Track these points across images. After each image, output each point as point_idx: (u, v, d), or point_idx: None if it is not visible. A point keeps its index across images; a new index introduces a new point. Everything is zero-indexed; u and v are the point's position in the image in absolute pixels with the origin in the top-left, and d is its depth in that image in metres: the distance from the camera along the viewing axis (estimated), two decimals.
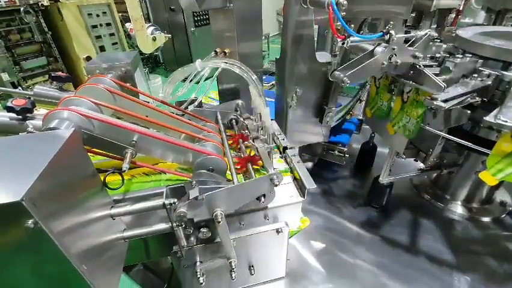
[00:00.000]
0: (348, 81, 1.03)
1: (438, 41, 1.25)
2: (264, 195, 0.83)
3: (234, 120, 1.22)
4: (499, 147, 0.81)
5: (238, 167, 0.98)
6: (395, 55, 1.03)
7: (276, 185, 0.80)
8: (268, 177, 0.80)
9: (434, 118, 1.13)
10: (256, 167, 0.99)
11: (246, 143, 1.09)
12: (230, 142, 1.11)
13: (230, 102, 1.27)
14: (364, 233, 1.43)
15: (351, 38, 0.98)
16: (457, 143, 1.09)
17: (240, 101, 1.27)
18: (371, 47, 1.12)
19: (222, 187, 0.76)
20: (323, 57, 1.35)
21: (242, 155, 1.03)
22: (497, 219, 1.46)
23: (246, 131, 1.08)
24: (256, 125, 1.06)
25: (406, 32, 1.09)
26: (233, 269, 0.90)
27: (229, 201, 0.78)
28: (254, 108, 1.08)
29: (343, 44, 0.99)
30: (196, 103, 1.27)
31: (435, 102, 0.95)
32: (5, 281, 0.51)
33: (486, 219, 1.46)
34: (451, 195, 1.55)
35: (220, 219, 0.75)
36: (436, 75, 1.13)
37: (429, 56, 1.28)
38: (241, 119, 1.17)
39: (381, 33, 1.00)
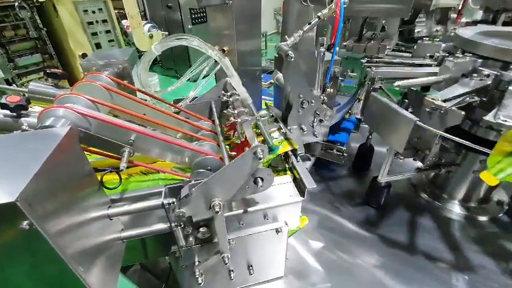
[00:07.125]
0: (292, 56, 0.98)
1: (438, 40, 1.25)
2: (261, 179, 0.79)
3: (226, 106, 1.16)
4: (499, 147, 0.81)
5: (235, 153, 0.94)
6: None
7: (259, 158, 0.74)
8: (251, 151, 0.73)
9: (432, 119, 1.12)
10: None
11: (231, 119, 1.02)
12: (227, 130, 1.07)
13: (219, 82, 1.22)
14: (362, 232, 1.42)
15: None
16: (455, 143, 1.09)
17: (228, 79, 1.17)
18: None
19: (209, 176, 0.73)
20: None
21: (239, 141, 0.99)
22: (494, 218, 1.47)
23: (233, 110, 1.01)
24: (240, 99, 1.02)
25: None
26: (226, 263, 0.87)
27: (223, 186, 0.75)
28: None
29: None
30: (188, 100, 1.25)
31: (435, 102, 0.95)
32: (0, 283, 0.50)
33: (483, 218, 1.47)
34: (449, 195, 1.55)
35: (218, 209, 0.73)
36: (435, 74, 1.13)
37: (428, 55, 1.28)
38: (230, 100, 1.11)
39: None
